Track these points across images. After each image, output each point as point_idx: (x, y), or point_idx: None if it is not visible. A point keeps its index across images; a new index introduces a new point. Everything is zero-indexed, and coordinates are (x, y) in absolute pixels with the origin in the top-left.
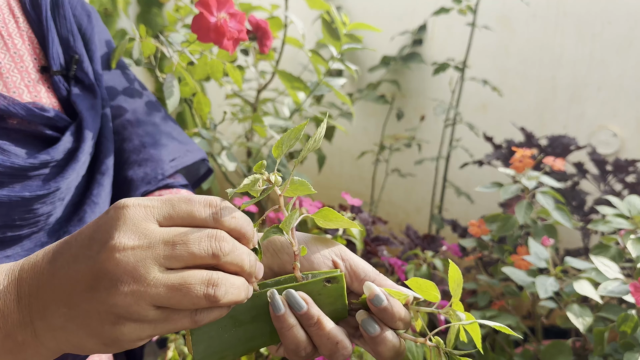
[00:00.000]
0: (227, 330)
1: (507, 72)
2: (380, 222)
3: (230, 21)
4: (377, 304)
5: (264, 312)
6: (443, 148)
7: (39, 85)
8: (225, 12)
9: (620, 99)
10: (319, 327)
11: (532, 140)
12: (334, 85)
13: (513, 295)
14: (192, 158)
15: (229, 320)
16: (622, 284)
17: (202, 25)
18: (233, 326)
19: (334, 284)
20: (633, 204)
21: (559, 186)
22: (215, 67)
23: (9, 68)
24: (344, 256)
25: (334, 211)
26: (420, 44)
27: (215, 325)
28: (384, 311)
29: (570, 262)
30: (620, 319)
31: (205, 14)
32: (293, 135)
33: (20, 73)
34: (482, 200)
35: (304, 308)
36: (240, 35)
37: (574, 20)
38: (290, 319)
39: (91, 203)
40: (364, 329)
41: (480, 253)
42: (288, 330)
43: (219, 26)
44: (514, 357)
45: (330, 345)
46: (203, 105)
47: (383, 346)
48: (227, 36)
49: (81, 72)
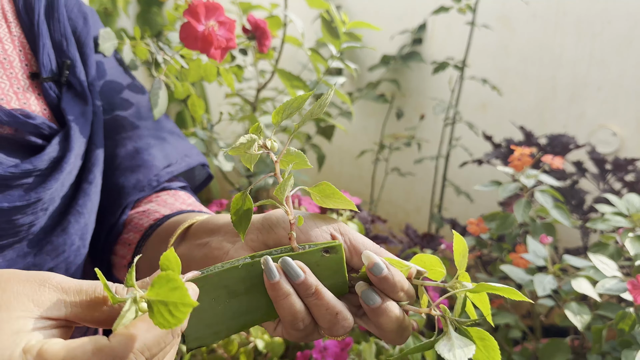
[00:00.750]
0: (221, 302)
1: (507, 72)
2: (380, 221)
3: (219, 29)
4: (377, 272)
5: (259, 282)
6: (443, 147)
7: (29, 92)
8: (214, 20)
9: (620, 98)
10: (318, 297)
11: (532, 139)
12: (333, 84)
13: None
14: (190, 163)
15: (222, 290)
16: (620, 282)
17: (190, 34)
18: (227, 297)
19: (333, 255)
20: (632, 202)
21: (557, 185)
22: (208, 70)
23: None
24: (343, 230)
25: (332, 186)
26: (420, 43)
27: (208, 296)
28: (384, 280)
29: (569, 260)
30: (618, 317)
31: (193, 23)
32: (295, 105)
33: (9, 80)
34: (482, 200)
35: (301, 277)
36: (229, 43)
37: (573, 19)
38: (286, 286)
39: (76, 213)
40: (364, 300)
41: (479, 252)
42: (284, 299)
43: (206, 35)
44: (512, 355)
45: (329, 317)
46: (197, 107)
47: (385, 318)
48: (214, 45)
49: (73, 77)
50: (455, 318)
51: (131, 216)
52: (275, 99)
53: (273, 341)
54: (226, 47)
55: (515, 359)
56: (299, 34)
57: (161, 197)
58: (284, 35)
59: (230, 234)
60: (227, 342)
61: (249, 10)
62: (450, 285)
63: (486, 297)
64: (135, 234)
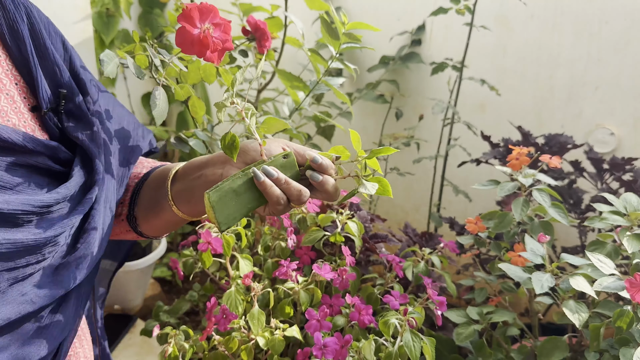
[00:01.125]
0: (233, 199)
1: (505, 72)
2: (379, 220)
3: (214, 32)
4: (316, 162)
5: (252, 184)
6: (441, 147)
7: (34, 125)
8: (209, 22)
9: (617, 97)
10: (288, 184)
11: (529, 138)
12: (333, 84)
13: (510, 291)
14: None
15: (232, 193)
16: (617, 280)
17: (186, 39)
18: (235, 196)
19: (288, 158)
20: (629, 201)
21: (555, 183)
22: (207, 71)
23: (7, 110)
24: (289, 144)
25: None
26: (419, 44)
27: (226, 198)
28: (320, 166)
29: (566, 258)
30: (616, 315)
31: (187, 27)
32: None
33: (16, 114)
34: (480, 199)
35: (274, 175)
36: (225, 45)
37: (571, 19)
38: (268, 181)
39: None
40: (312, 178)
41: (477, 250)
42: (269, 189)
43: (202, 38)
44: (510, 353)
45: (296, 193)
46: (198, 108)
47: (327, 186)
48: (210, 48)
49: (71, 103)
50: (363, 174)
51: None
52: (276, 100)
53: (274, 339)
54: (223, 49)
55: (513, 356)
56: (299, 35)
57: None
58: (285, 36)
59: (218, 164)
60: (228, 339)
61: (250, 11)
62: (355, 160)
63: (376, 161)
64: (125, 194)
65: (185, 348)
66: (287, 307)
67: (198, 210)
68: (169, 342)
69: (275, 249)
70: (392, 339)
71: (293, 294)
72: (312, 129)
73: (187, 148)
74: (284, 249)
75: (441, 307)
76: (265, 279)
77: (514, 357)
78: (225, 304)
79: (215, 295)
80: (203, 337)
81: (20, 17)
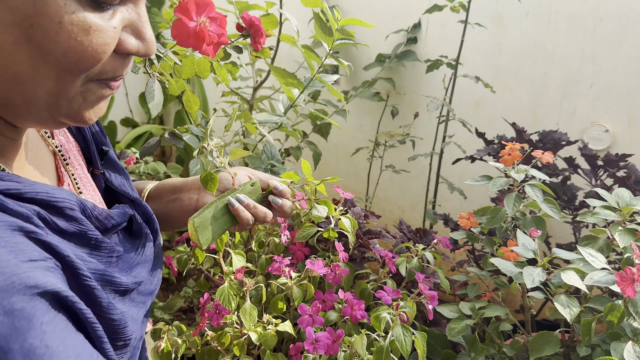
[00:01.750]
0: (213, 223)
1: (500, 70)
2: (374, 217)
3: (210, 25)
4: (277, 188)
5: (227, 209)
6: (437, 145)
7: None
8: (205, 16)
9: (612, 95)
10: (255, 208)
11: (523, 135)
12: (327, 81)
13: (503, 287)
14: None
15: (212, 218)
16: (608, 274)
17: (182, 31)
18: (214, 221)
19: (254, 186)
20: (621, 196)
21: (546, 179)
22: (202, 66)
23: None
24: (254, 173)
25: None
26: (415, 42)
27: (207, 222)
28: (280, 192)
29: (558, 253)
30: (607, 309)
31: (184, 20)
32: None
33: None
34: (475, 196)
35: (245, 201)
36: (221, 39)
37: (566, 17)
38: (241, 207)
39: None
40: (274, 202)
41: (470, 246)
42: (241, 213)
43: (198, 31)
44: (503, 348)
45: (262, 216)
46: (192, 103)
47: (284, 207)
48: (206, 41)
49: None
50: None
51: None
52: (272, 97)
53: (266, 334)
54: (218, 42)
55: (505, 351)
56: (294, 32)
57: None
58: (280, 33)
59: (193, 189)
60: (220, 334)
61: (247, 9)
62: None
63: (322, 186)
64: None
65: (179, 343)
66: (280, 302)
67: (172, 228)
68: (161, 338)
69: (269, 244)
70: (384, 333)
71: (286, 290)
72: (308, 127)
73: (182, 143)
74: (278, 244)
75: (432, 301)
76: (260, 275)
77: (506, 352)
78: (218, 300)
79: (210, 291)
80: (196, 332)
81: None
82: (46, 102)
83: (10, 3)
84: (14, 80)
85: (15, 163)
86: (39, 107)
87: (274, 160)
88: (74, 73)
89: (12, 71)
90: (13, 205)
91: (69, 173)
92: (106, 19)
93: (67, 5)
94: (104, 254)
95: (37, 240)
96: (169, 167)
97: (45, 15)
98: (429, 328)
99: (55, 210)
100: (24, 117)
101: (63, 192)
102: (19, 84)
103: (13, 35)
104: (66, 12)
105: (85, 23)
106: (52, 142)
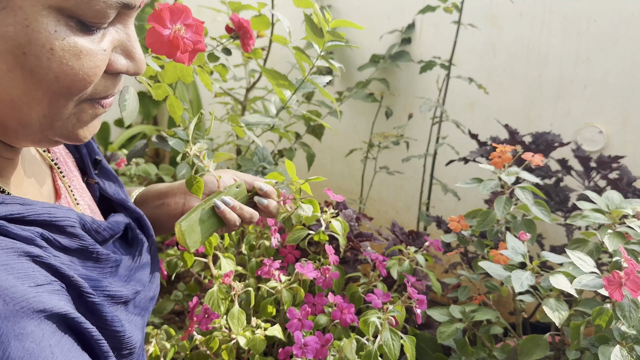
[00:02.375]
0: (199, 226)
1: (494, 70)
2: (366, 219)
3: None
4: (262, 189)
5: (214, 212)
6: (430, 146)
7: (87, 193)
8: (180, 23)
9: (605, 96)
10: (242, 209)
11: (516, 137)
12: (318, 82)
13: (494, 290)
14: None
15: (199, 221)
16: (597, 278)
17: (156, 39)
18: (201, 224)
19: (240, 188)
20: (611, 199)
21: (537, 181)
22: (184, 70)
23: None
24: (237, 174)
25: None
26: (409, 43)
27: (194, 226)
28: (266, 193)
29: (547, 257)
30: (595, 313)
31: (157, 28)
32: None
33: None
34: (470, 198)
35: (231, 203)
36: (197, 46)
37: (560, 18)
38: (227, 209)
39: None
40: (259, 203)
41: (461, 248)
42: (228, 215)
43: (172, 39)
44: (493, 351)
45: (248, 217)
46: (176, 108)
47: (270, 207)
48: (181, 49)
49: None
50: (299, 197)
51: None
52: (265, 98)
53: (254, 338)
54: (194, 49)
55: (496, 355)
56: (286, 33)
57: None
58: (272, 34)
59: (179, 194)
60: (208, 338)
61: (240, 9)
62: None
63: (307, 185)
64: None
65: (167, 348)
66: (269, 306)
67: (159, 233)
68: (150, 342)
69: (260, 247)
70: (373, 337)
71: (276, 293)
72: (302, 128)
73: (169, 146)
74: (268, 247)
75: (421, 305)
76: (250, 278)
77: (497, 356)
78: (207, 304)
79: (200, 295)
80: (185, 336)
81: None
82: (40, 125)
83: (3, 32)
84: (8, 105)
85: (13, 180)
86: (33, 129)
87: (266, 163)
88: (66, 96)
89: (5, 97)
90: (17, 230)
91: (65, 185)
92: (96, 42)
93: (57, 32)
94: (105, 265)
95: (42, 264)
96: (161, 169)
97: (36, 43)
98: (420, 331)
99: (57, 229)
100: (19, 138)
101: (63, 211)
102: (13, 108)
103: (7, 63)
104: (57, 38)
105: (76, 48)
106: (48, 156)
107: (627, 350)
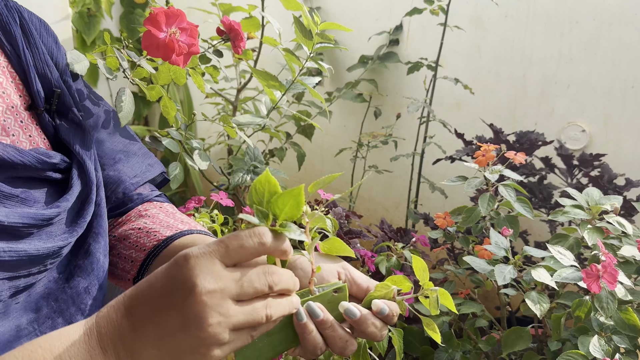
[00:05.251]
0: (262, 341)
1: (480, 71)
2: (355, 217)
3: (181, 36)
4: (383, 313)
5: (289, 322)
6: (418, 145)
7: (30, 124)
8: (175, 26)
9: (588, 95)
10: (333, 330)
11: (500, 136)
12: (308, 83)
13: (478, 284)
14: (154, 173)
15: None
16: (576, 271)
17: (152, 42)
18: (266, 336)
19: (340, 293)
20: (591, 195)
21: (520, 179)
22: (178, 72)
23: (3, 109)
24: (345, 267)
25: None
26: (397, 44)
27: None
28: (386, 317)
29: (529, 251)
30: (575, 305)
31: (153, 31)
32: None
33: (13, 114)
34: (457, 195)
35: (320, 316)
36: (191, 49)
37: (543, 19)
38: (311, 325)
39: (93, 234)
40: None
41: (447, 244)
42: (309, 335)
43: (167, 42)
44: (478, 344)
45: (341, 343)
46: (169, 109)
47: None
48: (176, 52)
49: (63, 106)
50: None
51: (126, 232)
52: (256, 98)
53: None
54: (189, 52)
55: (481, 347)
56: (276, 35)
57: (150, 212)
58: (262, 36)
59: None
60: None
61: (230, 11)
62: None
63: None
64: (139, 253)
65: None
66: None
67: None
68: None
69: None
70: None
71: None
72: (292, 128)
73: (162, 147)
74: None
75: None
76: None
77: (482, 348)
78: None
79: None
80: None
81: (13, 19)
82: None
83: None
84: None
85: None
86: None
87: (257, 162)
88: None
89: None
90: None
91: None
92: None
93: None
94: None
95: None
96: None
97: None
98: (408, 325)
99: None
100: None
101: None
102: None
103: None
104: None
105: None
106: None
107: (605, 340)
